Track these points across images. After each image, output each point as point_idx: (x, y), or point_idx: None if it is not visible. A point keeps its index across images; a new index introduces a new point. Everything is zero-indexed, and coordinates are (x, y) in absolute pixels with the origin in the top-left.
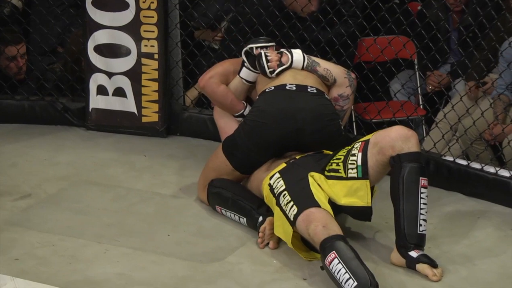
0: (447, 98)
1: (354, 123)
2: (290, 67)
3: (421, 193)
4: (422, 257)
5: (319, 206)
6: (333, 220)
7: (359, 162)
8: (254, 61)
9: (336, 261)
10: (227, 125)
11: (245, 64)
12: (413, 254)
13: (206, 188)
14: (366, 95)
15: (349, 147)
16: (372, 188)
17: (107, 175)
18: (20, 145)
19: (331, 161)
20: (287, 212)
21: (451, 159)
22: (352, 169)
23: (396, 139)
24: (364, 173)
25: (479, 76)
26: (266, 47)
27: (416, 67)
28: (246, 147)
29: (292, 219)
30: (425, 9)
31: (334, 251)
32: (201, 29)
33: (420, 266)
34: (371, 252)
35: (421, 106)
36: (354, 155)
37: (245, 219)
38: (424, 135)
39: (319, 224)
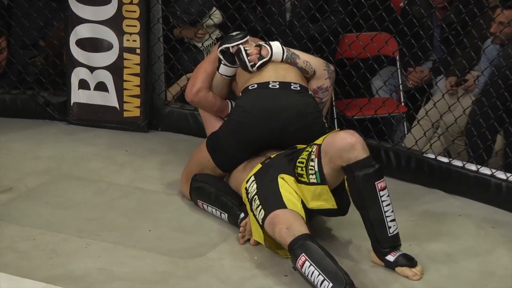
0: (429, 95)
1: (335, 120)
2: (270, 60)
3: (381, 196)
4: (400, 258)
5: (284, 207)
6: (298, 220)
7: (316, 168)
8: (232, 57)
9: (307, 263)
10: (211, 118)
11: (222, 62)
12: (390, 258)
13: (189, 182)
14: (348, 92)
15: (309, 149)
16: (341, 187)
17: (88, 170)
18: (0, 139)
19: (297, 165)
20: (257, 216)
21: (432, 156)
22: (312, 174)
23: (341, 149)
24: (322, 179)
25: (461, 73)
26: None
27: (398, 64)
28: (229, 145)
29: (261, 223)
30: (408, 6)
31: (303, 253)
32: (181, 25)
33: (399, 269)
34: (351, 249)
35: (403, 103)
36: (312, 160)
37: (226, 215)
38: (406, 132)
39: (283, 226)
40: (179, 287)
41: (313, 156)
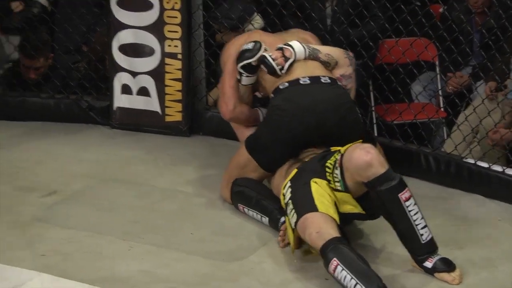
0: (468, 100)
1: (375, 125)
2: (295, 59)
3: (407, 207)
4: (437, 264)
5: (316, 210)
6: (328, 223)
7: (340, 177)
8: (252, 68)
9: (339, 268)
10: (241, 127)
11: (244, 75)
12: (428, 264)
13: (230, 186)
14: (387, 97)
15: (336, 156)
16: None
17: (131, 173)
18: (46, 143)
19: (326, 168)
20: (290, 220)
21: (472, 161)
22: (337, 182)
23: (359, 168)
24: (345, 187)
25: (500, 78)
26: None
27: (438, 69)
28: (269, 143)
29: (293, 226)
30: (447, 11)
31: (334, 258)
32: (223, 31)
33: (438, 275)
34: (391, 255)
35: (442, 108)
36: (336, 168)
37: (267, 218)
38: (445, 137)
39: (313, 230)
40: None
41: (337, 165)
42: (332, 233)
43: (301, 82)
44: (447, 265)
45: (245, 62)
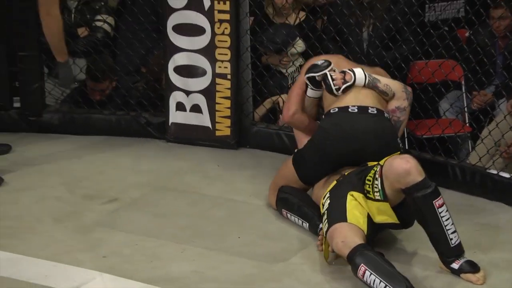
0: (492, 116)
1: (406, 139)
2: (353, 84)
3: (440, 213)
4: (463, 265)
5: (344, 220)
6: (354, 232)
7: (380, 187)
8: (318, 82)
9: (367, 273)
10: (302, 137)
11: (309, 87)
12: (455, 266)
13: (276, 192)
14: (417, 113)
15: (376, 169)
16: (404, 203)
17: (184, 182)
18: (107, 155)
19: (366, 182)
20: (323, 230)
21: (495, 172)
22: (377, 192)
23: (399, 175)
24: (384, 196)
25: None
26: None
27: (464, 88)
28: (311, 161)
29: (325, 235)
30: (473, 35)
31: (362, 264)
32: (268, 53)
33: (464, 276)
34: (420, 258)
35: (468, 124)
36: (376, 179)
37: (307, 224)
38: (470, 150)
39: (339, 240)
40: None
41: (377, 176)
42: (356, 240)
43: (349, 109)
44: (472, 267)
45: (309, 74)
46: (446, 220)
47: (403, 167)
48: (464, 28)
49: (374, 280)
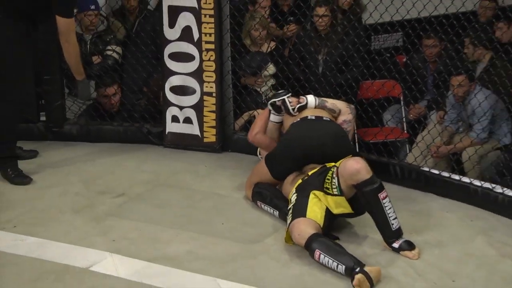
0: (424, 125)
1: (357, 143)
2: (306, 105)
3: (384, 203)
4: (402, 244)
5: (303, 216)
6: (309, 225)
7: (336, 184)
8: (278, 108)
9: (322, 255)
10: (270, 140)
11: (272, 112)
12: (395, 245)
13: (252, 188)
14: (365, 123)
15: (333, 170)
16: (355, 197)
17: (179, 180)
18: (116, 158)
19: (325, 181)
20: (287, 221)
21: (427, 169)
22: (334, 188)
23: (351, 174)
24: (341, 192)
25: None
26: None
27: (402, 102)
28: (280, 159)
29: (288, 227)
30: (409, 60)
31: (316, 249)
32: (246, 76)
33: (402, 253)
34: (368, 239)
35: (405, 131)
36: (334, 178)
37: (278, 212)
38: (407, 152)
39: (296, 234)
40: (244, 264)
41: (334, 175)
42: (310, 231)
43: (308, 118)
44: (409, 246)
45: (272, 101)
46: (389, 209)
47: (354, 167)
48: (402, 54)
49: (328, 261)
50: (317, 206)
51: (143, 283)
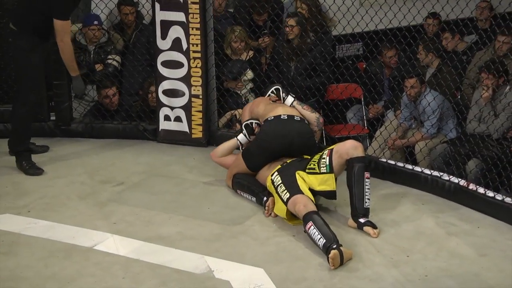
0: (382, 122)
1: (324, 138)
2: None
3: (366, 182)
4: (367, 222)
5: (302, 193)
6: (310, 202)
7: (327, 162)
8: (251, 130)
9: (312, 227)
10: (231, 159)
11: (243, 132)
12: (362, 220)
13: (231, 178)
14: (331, 120)
15: (320, 153)
16: (335, 179)
17: (170, 170)
18: (116, 152)
19: (310, 163)
20: (282, 197)
21: (384, 160)
22: (323, 167)
23: (349, 148)
24: (331, 169)
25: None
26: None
27: (363, 102)
28: (255, 154)
29: (285, 201)
30: (368, 66)
31: (311, 221)
32: (228, 80)
33: (366, 228)
34: (335, 219)
35: (366, 127)
36: (324, 158)
37: (255, 198)
38: (368, 145)
39: (301, 204)
40: (227, 243)
41: (324, 156)
42: (313, 208)
43: (281, 117)
44: (372, 224)
45: (248, 121)
46: (368, 188)
47: (354, 144)
48: (362, 61)
49: (315, 233)
50: (304, 185)
51: (139, 259)
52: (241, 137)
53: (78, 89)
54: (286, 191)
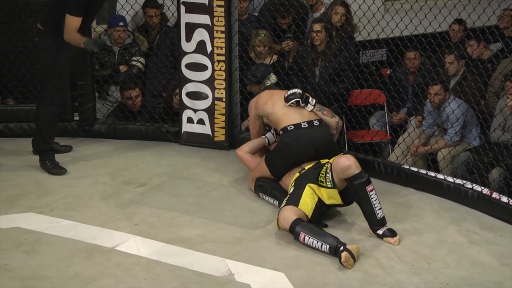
0: (405, 129)
1: (346, 144)
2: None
3: (370, 195)
4: (386, 232)
5: (294, 205)
6: (294, 213)
7: (330, 178)
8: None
9: (306, 237)
10: (254, 161)
11: (271, 131)
12: (379, 232)
13: (254, 182)
14: (354, 126)
15: (326, 166)
16: (346, 189)
17: (192, 173)
18: (139, 153)
19: (320, 174)
20: (281, 205)
21: (407, 167)
22: (328, 181)
23: (343, 169)
24: (334, 185)
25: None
26: None
27: (386, 108)
28: (280, 164)
29: (280, 208)
30: (393, 73)
31: (301, 232)
32: (251, 84)
33: (385, 239)
34: (356, 226)
35: (389, 133)
36: (328, 173)
37: (277, 202)
38: (390, 151)
39: (281, 218)
40: (248, 246)
41: (328, 170)
42: (293, 217)
43: (302, 126)
44: (392, 233)
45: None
46: (375, 200)
47: (346, 163)
48: (386, 67)
49: (313, 242)
50: (309, 199)
51: (160, 261)
52: (269, 135)
53: (92, 48)
54: (285, 201)
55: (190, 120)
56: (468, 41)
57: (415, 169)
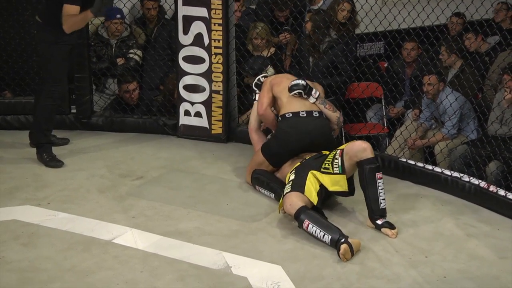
0: (402, 122)
1: (343, 137)
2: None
3: (378, 183)
4: (384, 223)
5: (300, 191)
6: (300, 199)
7: (339, 163)
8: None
9: (310, 225)
10: (260, 138)
11: (256, 92)
12: (379, 222)
13: (251, 174)
14: (352, 119)
15: (334, 152)
16: (351, 178)
17: (189, 166)
18: (136, 146)
19: (325, 162)
20: (284, 191)
21: (404, 160)
22: (336, 167)
23: (357, 151)
24: (343, 170)
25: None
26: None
27: (383, 101)
28: (277, 152)
29: (284, 194)
30: (389, 65)
31: (305, 219)
32: (249, 76)
33: (384, 230)
34: (353, 218)
35: (386, 127)
36: (336, 158)
37: (273, 194)
38: (387, 145)
39: (287, 203)
40: (245, 239)
41: (337, 156)
42: (300, 204)
43: (300, 114)
44: (390, 225)
45: (257, 79)
46: (381, 189)
47: (362, 146)
48: (383, 60)
49: (315, 230)
50: (313, 186)
51: (158, 254)
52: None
53: (99, 8)
54: (289, 187)
55: (187, 113)
56: (466, 34)
57: (412, 162)
